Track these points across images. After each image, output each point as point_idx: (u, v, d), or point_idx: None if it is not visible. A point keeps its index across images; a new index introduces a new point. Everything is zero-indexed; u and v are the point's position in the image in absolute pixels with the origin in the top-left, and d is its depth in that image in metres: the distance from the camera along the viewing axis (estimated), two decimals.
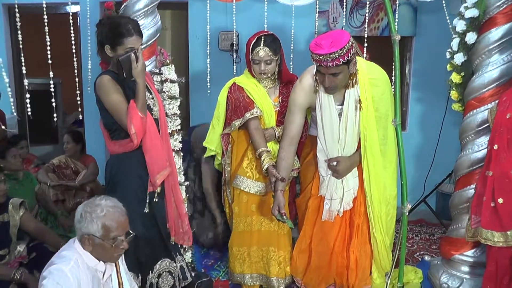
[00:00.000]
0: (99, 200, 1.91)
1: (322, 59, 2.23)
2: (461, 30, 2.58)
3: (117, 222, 1.90)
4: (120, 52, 2.29)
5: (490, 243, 2.32)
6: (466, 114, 2.69)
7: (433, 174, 4.00)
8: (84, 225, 1.85)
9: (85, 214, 1.86)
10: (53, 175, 3.90)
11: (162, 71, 2.70)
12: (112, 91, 2.30)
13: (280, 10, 3.49)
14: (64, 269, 1.79)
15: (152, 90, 2.55)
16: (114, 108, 2.31)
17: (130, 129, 2.28)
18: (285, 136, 2.62)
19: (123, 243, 1.92)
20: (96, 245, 1.88)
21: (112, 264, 2.01)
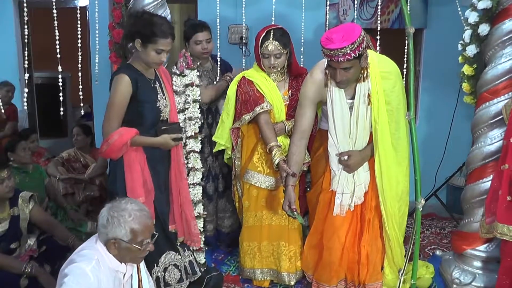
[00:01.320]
0: (125, 204, 1.90)
1: (333, 54, 2.20)
2: (474, 21, 2.54)
3: (144, 226, 1.89)
4: (150, 50, 2.34)
5: (506, 238, 2.29)
6: (478, 107, 2.65)
7: (444, 167, 3.96)
8: (111, 229, 1.85)
9: (112, 219, 1.84)
10: (63, 169, 3.91)
11: (186, 74, 2.69)
12: (121, 93, 2.33)
13: (289, 2, 3.46)
14: (85, 268, 1.79)
15: (167, 90, 2.55)
16: (110, 106, 2.35)
17: (111, 137, 2.32)
18: (296, 131, 2.59)
19: (149, 245, 1.92)
20: (123, 249, 1.88)
21: (133, 265, 2.01)
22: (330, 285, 2.69)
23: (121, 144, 2.33)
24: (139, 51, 2.38)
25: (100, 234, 1.89)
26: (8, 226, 2.79)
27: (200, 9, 4.41)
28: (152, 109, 2.45)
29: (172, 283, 2.60)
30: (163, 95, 2.51)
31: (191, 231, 2.73)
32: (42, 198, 3.50)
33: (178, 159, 2.62)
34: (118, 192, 2.39)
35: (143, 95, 2.39)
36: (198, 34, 2.98)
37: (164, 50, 2.38)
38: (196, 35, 2.99)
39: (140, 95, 2.38)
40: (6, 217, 2.81)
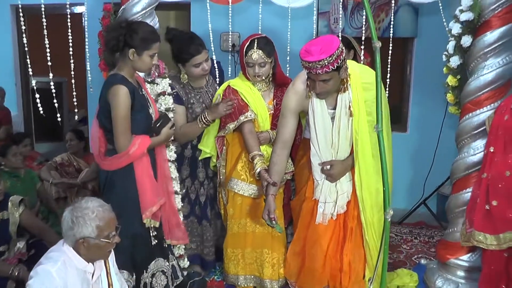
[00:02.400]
0: (85, 203, 1.94)
1: (312, 66, 2.22)
2: (457, 33, 2.56)
3: (108, 220, 1.95)
4: (145, 57, 2.39)
5: (482, 246, 2.31)
6: (462, 117, 2.67)
7: (434, 176, 3.98)
8: (77, 230, 1.88)
9: (77, 219, 1.88)
10: (56, 173, 3.96)
11: (158, 83, 2.69)
12: (125, 105, 2.36)
13: (280, 12, 3.49)
14: (50, 269, 1.83)
15: (149, 97, 2.59)
16: (118, 121, 2.36)
17: (130, 149, 2.38)
18: (278, 140, 2.62)
19: (115, 237, 1.98)
20: (92, 246, 1.91)
21: (101, 265, 2.04)
22: None
23: (141, 152, 2.41)
24: (131, 60, 2.40)
25: (67, 237, 1.92)
26: None
27: (193, 17, 4.47)
28: (146, 117, 2.49)
29: None
30: (149, 102, 2.56)
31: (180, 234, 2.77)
32: (34, 202, 3.55)
33: (163, 159, 2.68)
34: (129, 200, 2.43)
35: (138, 104, 2.43)
36: (197, 57, 2.74)
37: (156, 52, 2.43)
38: (194, 58, 2.75)
39: (136, 104, 2.42)
40: None
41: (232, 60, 4.22)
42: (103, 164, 2.50)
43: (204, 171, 3.02)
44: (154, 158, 2.59)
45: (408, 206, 4.17)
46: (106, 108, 2.41)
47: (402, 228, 4.03)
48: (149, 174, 2.50)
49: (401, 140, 4.33)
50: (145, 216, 2.49)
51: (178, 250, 2.86)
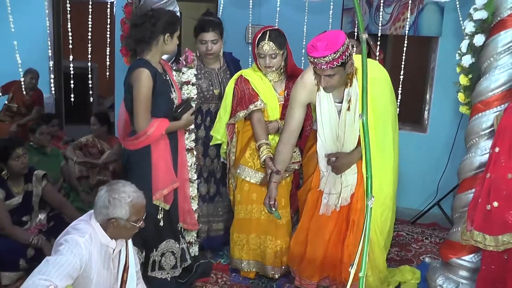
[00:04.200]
0: (122, 186, 2.07)
1: (317, 61, 2.26)
2: (470, 31, 2.54)
3: (140, 206, 2.08)
4: (175, 38, 2.58)
5: (480, 246, 2.30)
6: (471, 117, 2.65)
7: (449, 177, 3.94)
8: (112, 210, 2.01)
9: (114, 201, 2.01)
10: (80, 153, 4.15)
11: (184, 72, 2.79)
12: (146, 87, 2.48)
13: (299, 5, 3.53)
14: (79, 240, 1.95)
15: (173, 83, 2.70)
16: (139, 101, 2.48)
17: (148, 129, 2.49)
18: (285, 131, 2.68)
19: (141, 222, 2.11)
20: (120, 227, 2.04)
21: (122, 241, 2.17)
22: (312, 281, 2.78)
23: (159, 134, 2.53)
24: (164, 45, 2.53)
25: (99, 214, 2.04)
26: (21, 200, 3.05)
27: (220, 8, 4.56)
28: (167, 101, 2.61)
29: (166, 268, 2.75)
30: (173, 88, 2.67)
31: (192, 221, 2.89)
32: (57, 178, 3.76)
33: (183, 147, 2.79)
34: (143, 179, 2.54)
35: (160, 88, 2.55)
36: (204, 34, 2.94)
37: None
38: (202, 34, 2.95)
39: (157, 88, 2.53)
40: (20, 191, 3.07)
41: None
42: (126, 144, 2.64)
43: (215, 150, 3.15)
44: (176, 145, 2.71)
45: (421, 207, 4.15)
46: (129, 91, 2.55)
47: (415, 228, 4.01)
48: (165, 158, 2.61)
49: (420, 141, 4.31)
50: (155, 197, 2.60)
51: (189, 236, 2.95)
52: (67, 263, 1.87)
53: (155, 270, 2.72)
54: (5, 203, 2.95)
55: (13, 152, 2.97)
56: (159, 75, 2.56)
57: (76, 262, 1.90)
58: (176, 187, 2.70)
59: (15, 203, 3.02)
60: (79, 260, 1.91)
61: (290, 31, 2.92)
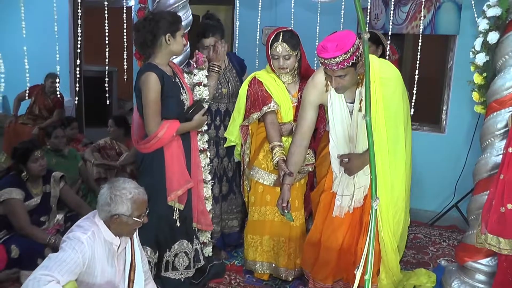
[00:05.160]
0: (122, 183, 2.10)
1: (327, 62, 2.25)
2: (484, 29, 2.49)
3: (142, 201, 2.11)
4: (179, 37, 2.60)
5: (495, 249, 2.25)
6: (487, 117, 2.60)
7: (469, 178, 3.85)
8: (114, 207, 2.04)
9: (115, 197, 2.04)
10: (98, 155, 4.23)
11: (195, 73, 2.82)
12: (154, 90, 2.52)
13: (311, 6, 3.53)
14: (81, 237, 1.99)
15: (184, 85, 2.73)
16: (148, 104, 2.52)
17: (159, 132, 2.51)
18: (297, 132, 2.67)
19: (144, 217, 2.14)
20: (123, 223, 2.07)
21: (127, 239, 2.20)
22: (325, 283, 2.75)
23: (170, 135, 2.55)
24: (167, 45, 2.56)
25: (101, 211, 2.08)
26: (40, 201, 3.13)
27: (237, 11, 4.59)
28: (177, 103, 2.63)
29: (180, 268, 2.77)
30: (183, 90, 2.70)
31: (207, 222, 2.90)
32: (75, 179, 3.84)
33: (196, 148, 2.81)
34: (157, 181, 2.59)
35: (169, 90, 2.58)
36: (205, 40, 3.00)
37: (184, 33, 2.65)
38: (203, 40, 3.01)
39: (166, 90, 2.56)
40: (39, 192, 3.15)
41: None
42: (139, 148, 2.67)
43: (225, 149, 3.17)
44: (189, 146, 2.73)
45: (438, 209, 4.08)
46: (139, 95, 2.59)
47: (433, 231, 3.95)
48: (178, 159, 2.64)
49: (438, 141, 4.24)
50: (170, 198, 2.63)
51: (203, 237, 2.97)
52: (69, 259, 1.91)
53: (168, 271, 2.74)
54: (24, 203, 3.04)
55: (32, 154, 3.06)
56: (167, 78, 2.59)
57: (79, 258, 1.94)
58: (190, 188, 2.72)
59: (34, 203, 3.11)
60: (82, 256, 1.95)
61: (304, 32, 2.92)
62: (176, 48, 2.62)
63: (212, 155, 3.12)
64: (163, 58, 2.62)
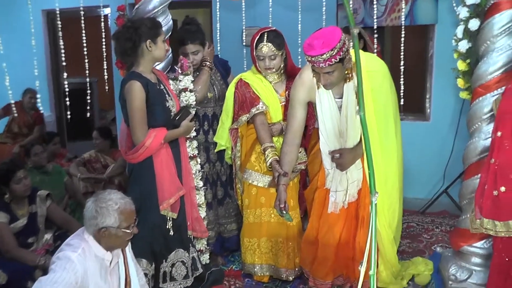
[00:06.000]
0: (108, 194, 2.05)
1: (315, 60, 2.25)
2: (464, 17, 2.52)
3: (129, 212, 2.06)
4: (160, 42, 2.56)
5: (492, 233, 2.27)
6: (473, 102, 2.63)
7: (457, 164, 3.91)
8: (101, 219, 1.99)
9: (101, 210, 1.99)
10: (83, 169, 4.15)
11: (180, 79, 2.79)
12: (139, 98, 2.48)
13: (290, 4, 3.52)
14: (71, 255, 1.94)
15: (170, 92, 2.69)
16: (133, 113, 2.48)
17: (146, 141, 2.47)
18: (288, 131, 2.66)
19: (134, 228, 2.09)
20: (112, 236, 2.03)
21: (119, 253, 2.16)
22: (326, 280, 2.75)
23: (158, 144, 2.50)
24: (149, 52, 2.52)
25: (89, 226, 2.03)
26: (26, 222, 3.03)
27: (214, 13, 4.57)
28: (163, 110, 2.59)
29: (178, 278, 2.72)
30: (169, 96, 2.66)
31: (202, 229, 2.86)
32: (62, 196, 3.75)
33: (186, 154, 2.77)
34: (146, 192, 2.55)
35: (154, 98, 2.54)
36: (185, 47, 2.95)
37: (166, 38, 2.62)
38: (183, 47, 2.96)
39: (151, 98, 2.52)
40: (24, 213, 3.05)
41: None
42: (128, 158, 2.63)
43: (216, 153, 3.14)
44: (178, 153, 2.69)
45: (429, 196, 4.12)
46: (124, 105, 2.54)
47: (425, 218, 3.99)
48: (168, 167, 2.60)
49: (424, 129, 4.29)
50: (162, 207, 2.59)
51: (200, 244, 2.93)
52: (60, 280, 1.86)
53: (166, 282, 2.69)
54: (10, 226, 2.94)
55: (14, 175, 2.95)
56: (151, 85, 2.55)
57: (70, 278, 1.88)
58: (183, 195, 2.69)
59: (20, 225, 3.00)
60: (73, 276, 1.89)
61: (285, 31, 2.90)
62: (158, 54, 2.58)
63: (203, 160, 3.08)
64: (146, 66, 2.57)
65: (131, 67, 2.62)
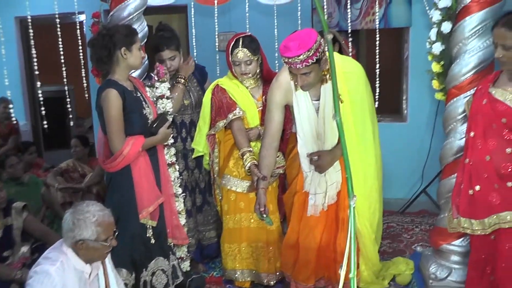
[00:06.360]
0: (86, 206, 2.02)
1: (291, 61, 2.26)
2: (437, 20, 2.58)
3: (108, 224, 2.02)
4: (135, 50, 2.51)
5: (469, 232, 2.31)
6: (447, 103, 2.69)
7: (434, 163, 3.97)
8: (78, 232, 1.96)
9: (78, 222, 1.96)
10: (61, 178, 4.08)
11: (157, 87, 2.76)
12: (115, 106, 2.44)
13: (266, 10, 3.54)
14: (49, 269, 1.90)
15: (146, 99, 2.66)
16: (110, 122, 2.45)
17: (124, 149, 2.44)
18: (266, 135, 2.67)
19: (112, 240, 2.05)
20: (90, 248, 1.99)
21: (98, 265, 2.12)
22: (307, 284, 2.75)
23: (135, 152, 2.47)
24: (124, 60, 2.49)
25: (66, 238, 2.00)
26: (1, 235, 2.94)
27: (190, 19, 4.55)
28: (140, 117, 2.56)
29: (159, 287, 2.68)
30: (146, 104, 2.63)
31: (182, 236, 2.84)
32: (39, 207, 3.68)
33: (164, 162, 2.74)
34: (125, 200, 2.51)
35: (131, 105, 2.51)
36: (161, 54, 2.93)
37: (141, 45, 2.57)
38: (159, 54, 2.94)
39: (128, 106, 2.49)
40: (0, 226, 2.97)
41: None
42: (106, 167, 2.59)
43: (195, 161, 3.12)
44: (157, 160, 2.67)
45: (408, 195, 4.18)
46: (101, 113, 2.51)
47: (404, 218, 4.03)
48: (147, 175, 2.57)
49: (401, 130, 4.35)
50: (142, 216, 2.55)
51: (180, 252, 2.91)
52: None
53: None
54: None
55: None
56: (128, 93, 2.52)
57: None
58: (162, 203, 2.66)
59: None
60: None
61: (261, 36, 2.91)
62: (134, 62, 2.55)
63: (181, 168, 3.05)
64: (122, 73, 2.54)
65: (107, 75, 2.58)
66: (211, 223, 3.25)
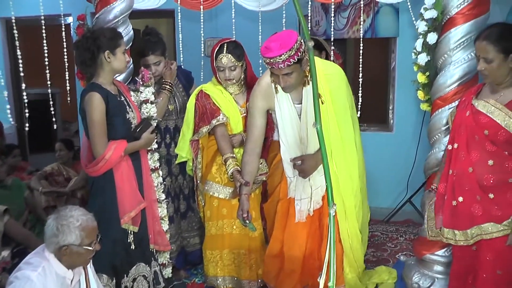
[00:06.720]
0: (69, 211, 2.00)
1: (273, 61, 2.27)
2: (423, 31, 2.60)
3: (91, 228, 2.01)
4: (119, 54, 2.50)
5: (452, 242, 2.31)
6: (432, 114, 2.71)
7: (420, 173, 4.00)
8: (62, 237, 1.94)
9: (62, 227, 1.94)
10: (45, 182, 4.03)
11: (141, 91, 2.75)
12: (98, 110, 2.42)
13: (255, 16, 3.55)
14: (31, 275, 1.87)
15: (131, 103, 2.64)
16: (93, 126, 2.43)
17: (106, 153, 2.42)
18: (248, 140, 2.66)
19: (96, 245, 2.04)
20: (74, 253, 1.97)
21: (80, 270, 2.10)
22: None
23: (118, 156, 2.44)
24: (108, 63, 2.47)
25: (49, 244, 1.97)
26: None
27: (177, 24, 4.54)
28: (123, 122, 2.54)
29: None
30: (129, 108, 2.61)
31: (164, 242, 2.81)
32: (21, 211, 3.62)
33: (147, 167, 2.72)
34: (106, 205, 2.48)
35: (114, 109, 2.49)
36: (146, 58, 2.93)
37: (126, 49, 2.55)
38: (144, 59, 2.94)
39: (111, 110, 2.47)
40: None
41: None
42: (88, 171, 2.56)
43: (178, 167, 3.10)
44: (139, 165, 2.65)
45: (393, 205, 4.19)
46: (84, 116, 2.48)
47: (389, 227, 4.04)
48: (129, 179, 2.54)
49: (387, 140, 4.37)
50: (123, 221, 2.53)
51: (162, 258, 2.88)
52: None
53: None
54: None
55: None
56: (112, 97, 2.50)
57: None
58: (144, 208, 2.63)
59: None
60: None
61: (247, 42, 2.92)
62: (118, 66, 2.53)
63: (165, 174, 3.03)
64: (106, 77, 2.52)
65: (91, 78, 2.57)
66: (195, 229, 3.22)
